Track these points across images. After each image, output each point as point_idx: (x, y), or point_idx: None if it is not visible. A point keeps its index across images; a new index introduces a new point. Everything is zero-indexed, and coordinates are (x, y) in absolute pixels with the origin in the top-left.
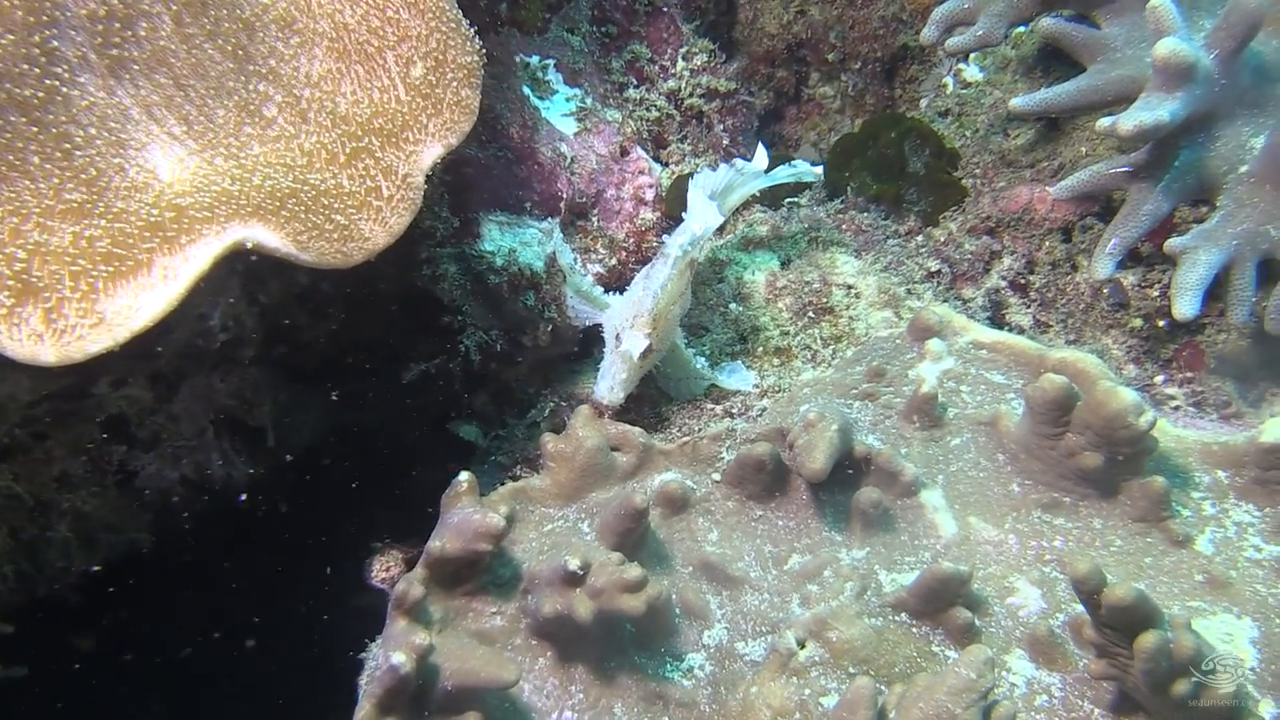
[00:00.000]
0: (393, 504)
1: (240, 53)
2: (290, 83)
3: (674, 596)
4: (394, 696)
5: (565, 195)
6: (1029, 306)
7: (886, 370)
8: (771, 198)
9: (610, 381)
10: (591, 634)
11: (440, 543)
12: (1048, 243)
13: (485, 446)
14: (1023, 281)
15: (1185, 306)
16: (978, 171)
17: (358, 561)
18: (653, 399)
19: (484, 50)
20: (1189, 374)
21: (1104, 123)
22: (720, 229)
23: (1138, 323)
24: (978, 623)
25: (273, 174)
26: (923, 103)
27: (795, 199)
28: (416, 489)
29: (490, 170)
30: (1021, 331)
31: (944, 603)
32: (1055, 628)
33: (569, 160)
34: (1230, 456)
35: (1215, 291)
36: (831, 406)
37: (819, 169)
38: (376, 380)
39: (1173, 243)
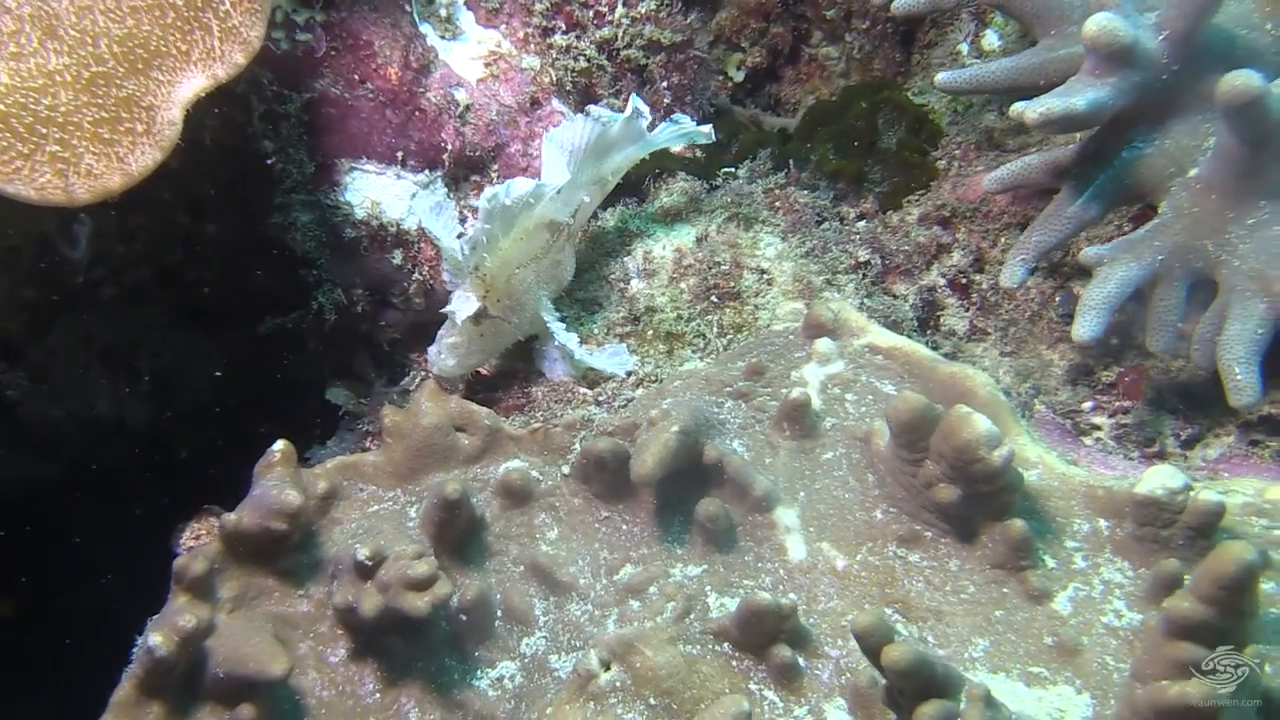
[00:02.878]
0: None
1: None
2: None
3: (498, 597)
4: (156, 679)
5: (451, 146)
6: (967, 310)
7: (768, 369)
8: (708, 166)
9: (437, 346)
10: (395, 630)
11: (236, 516)
12: (1004, 239)
13: (356, 411)
14: (964, 281)
15: (1084, 327)
16: (957, 152)
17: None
18: (523, 376)
19: None
20: (1127, 403)
21: (1016, 108)
22: (642, 197)
23: None
24: (802, 663)
25: None
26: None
27: (732, 169)
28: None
29: (358, 113)
30: (954, 338)
31: (764, 637)
32: (880, 679)
33: (461, 108)
34: (1113, 504)
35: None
36: (693, 404)
37: (708, 128)
38: (256, 332)
39: (1088, 253)
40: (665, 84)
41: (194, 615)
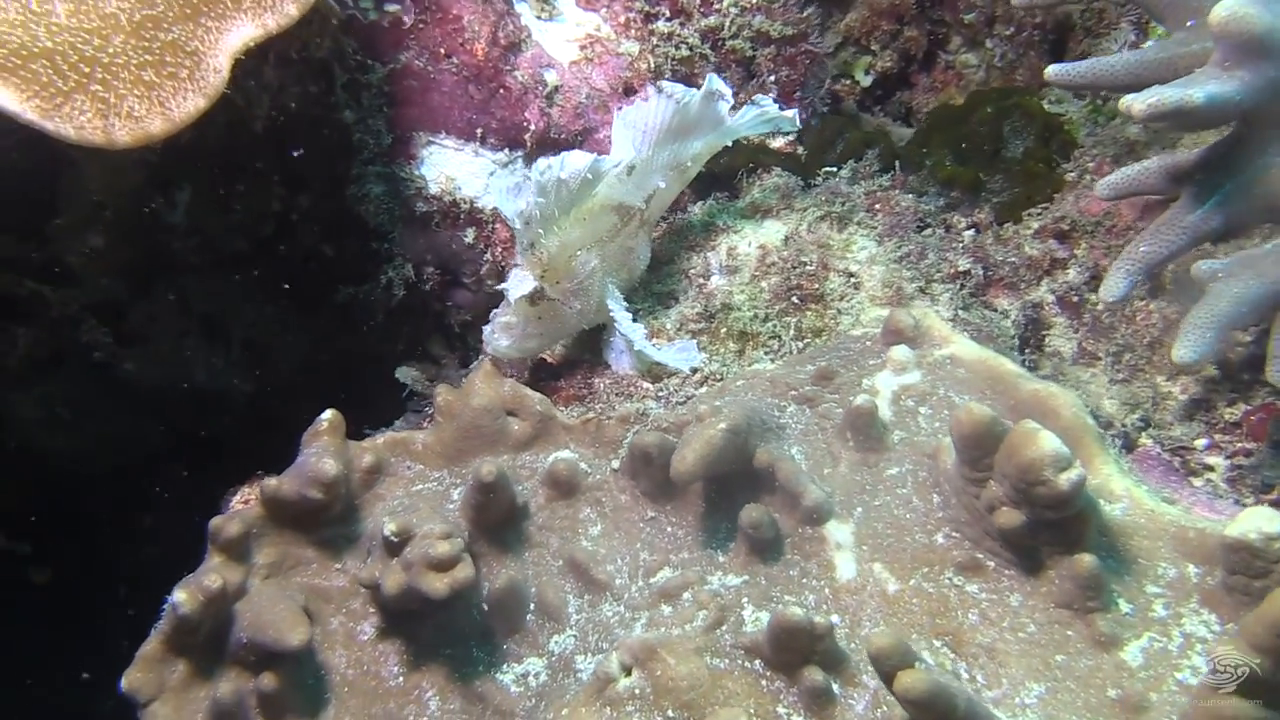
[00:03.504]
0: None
1: None
2: None
3: (533, 590)
4: (180, 636)
5: (534, 127)
6: (1077, 331)
7: (838, 374)
8: (809, 164)
9: (492, 324)
10: (421, 611)
11: (276, 482)
12: None
13: (424, 392)
14: (1076, 299)
15: (1185, 348)
16: (1090, 165)
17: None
18: (589, 366)
19: None
20: (1250, 444)
21: (1126, 100)
22: (735, 191)
23: (1212, 369)
24: (836, 689)
25: (31, 30)
26: None
27: (834, 169)
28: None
29: (440, 86)
30: (1058, 359)
31: (796, 656)
32: None
33: (549, 89)
34: (1206, 549)
35: None
36: (749, 404)
37: (792, 113)
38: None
39: (1200, 266)
40: (773, 78)
41: (220, 576)
